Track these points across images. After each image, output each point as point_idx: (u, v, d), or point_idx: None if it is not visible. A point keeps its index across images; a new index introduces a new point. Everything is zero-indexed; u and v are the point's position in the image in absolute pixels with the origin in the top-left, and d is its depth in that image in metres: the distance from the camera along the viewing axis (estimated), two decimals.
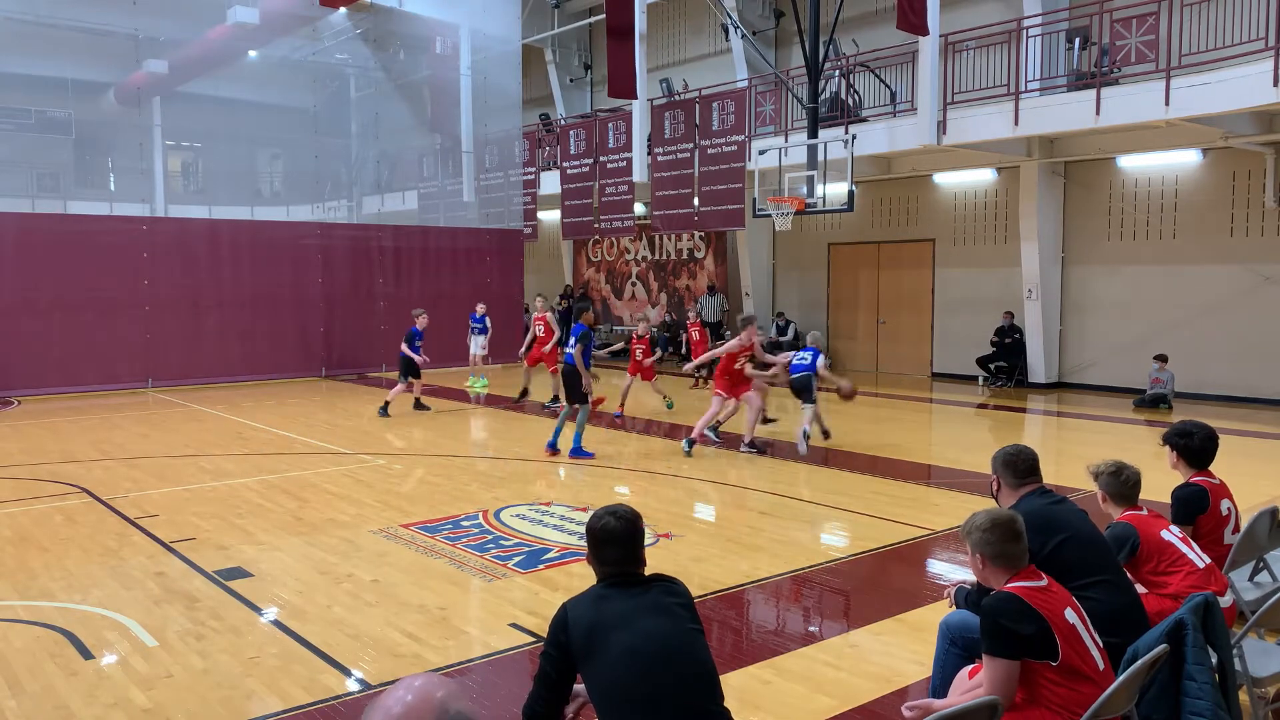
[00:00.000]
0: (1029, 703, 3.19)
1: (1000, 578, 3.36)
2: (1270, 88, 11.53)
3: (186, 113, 20.10)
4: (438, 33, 22.42)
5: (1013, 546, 3.35)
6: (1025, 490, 4.11)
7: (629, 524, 3.24)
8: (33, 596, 6.10)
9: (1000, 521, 3.38)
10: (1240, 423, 12.61)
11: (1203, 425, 4.89)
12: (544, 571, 6.55)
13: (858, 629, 5.55)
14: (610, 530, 3.21)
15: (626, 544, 3.21)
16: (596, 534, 3.24)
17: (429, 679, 1.79)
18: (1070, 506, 4.06)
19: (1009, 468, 4.16)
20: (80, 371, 16.48)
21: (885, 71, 16.99)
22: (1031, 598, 3.20)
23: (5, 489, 9.21)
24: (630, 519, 3.25)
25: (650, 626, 3.02)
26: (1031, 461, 4.17)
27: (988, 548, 3.36)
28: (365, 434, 12.45)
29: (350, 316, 19.47)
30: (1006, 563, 3.35)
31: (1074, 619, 3.23)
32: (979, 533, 3.38)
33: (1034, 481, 4.15)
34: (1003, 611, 3.19)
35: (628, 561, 3.21)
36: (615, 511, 3.27)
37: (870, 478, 9.84)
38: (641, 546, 3.27)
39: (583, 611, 3.08)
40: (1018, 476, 4.14)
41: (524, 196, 22.45)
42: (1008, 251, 17.14)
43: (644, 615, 3.05)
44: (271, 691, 4.66)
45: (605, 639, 3.00)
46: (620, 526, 3.21)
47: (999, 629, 3.17)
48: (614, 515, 3.24)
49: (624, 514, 3.26)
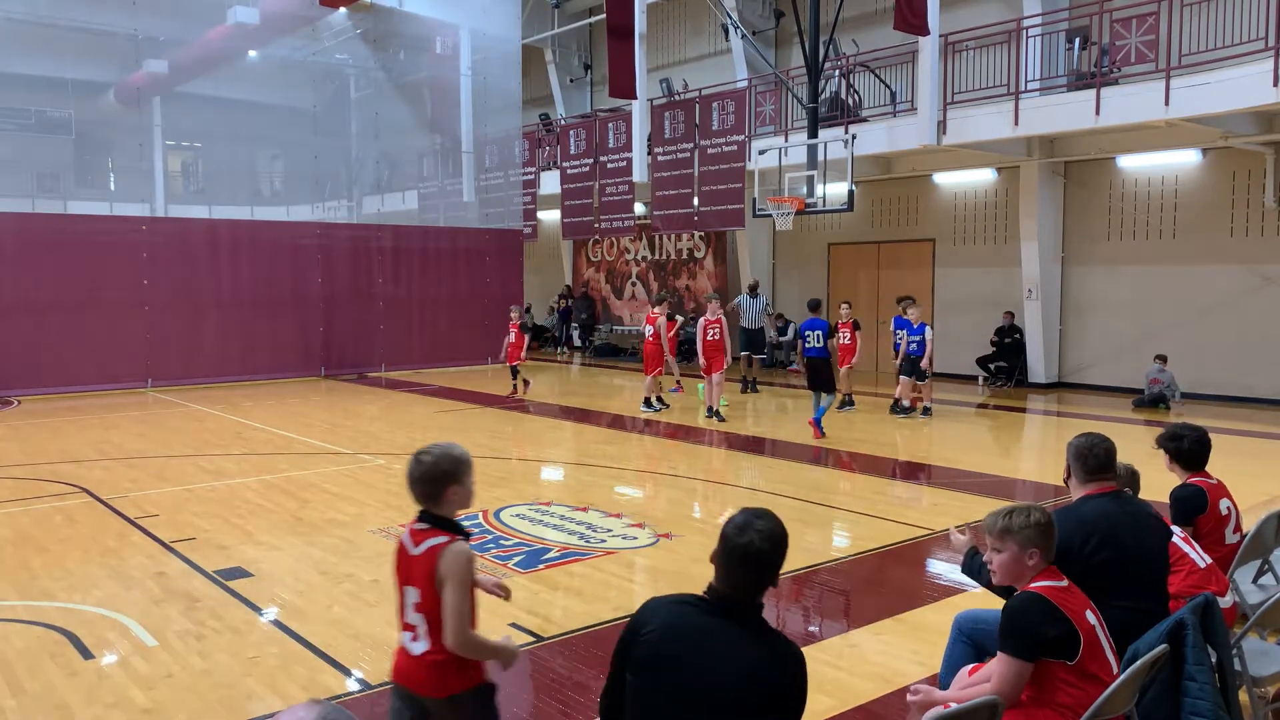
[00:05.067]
0: (1035, 701, 3.17)
1: (1032, 575, 3.27)
2: (1270, 88, 11.53)
3: (186, 113, 20.11)
4: (438, 33, 22.43)
5: (1054, 541, 3.28)
6: (1096, 488, 3.89)
7: (774, 543, 2.63)
8: (33, 596, 6.10)
9: (1047, 513, 3.30)
10: (1240, 423, 12.61)
11: (1194, 428, 4.88)
12: (544, 571, 6.54)
13: (858, 629, 5.55)
14: (755, 551, 2.61)
15: (763, 569, 2.64)
16: (736, 550, 2.64)
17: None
18: (1141, 509, 3.88)
19: (1080, 460, 3.94)
20: (80, 371, 16.47)
21: (885, 71, 16.99)
22: (1057, 598, 3.17)
23: (5, 489, 9.21)
24: (776, 537, 2.64)
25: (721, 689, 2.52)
26: (1105, 456, 3.90)
27: (1042, 540, 3.23)
28: (365, 434, 12.45)
29: (350, 316, 19.47)
30: (1047, 558, 3.27)
31: (1093, 620, 3.20)
32: (1034, 528, 3.23)
33: (1108, 479, 3.91)
34: (1028, 612, 3.14)
35: (750, 590, 2.65)
36: (760, 528, 2.64)
37: (870, 478, 9.84)
38: (776, 576, 2.67)
39: (660, 618, 2.65)
40: (1088, 471, 3.91)
41: (524, 196, 22.46)
42: (1008, 251, 17.14)
43: (722, 663, 2.54)
44: (271, 691, 4.66)
45: (665, 659, 2.58)
46: (765, 547, 2.61)
47: (1020, 630, 3.13)
48: (759, 533, 2.63)
49: (768, 531, 2.64)
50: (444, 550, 3.02)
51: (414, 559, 3.07)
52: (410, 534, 3.12)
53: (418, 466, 3.09)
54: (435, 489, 3.09)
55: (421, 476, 3.09)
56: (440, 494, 3.10)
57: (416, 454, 3.12)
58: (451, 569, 3.01)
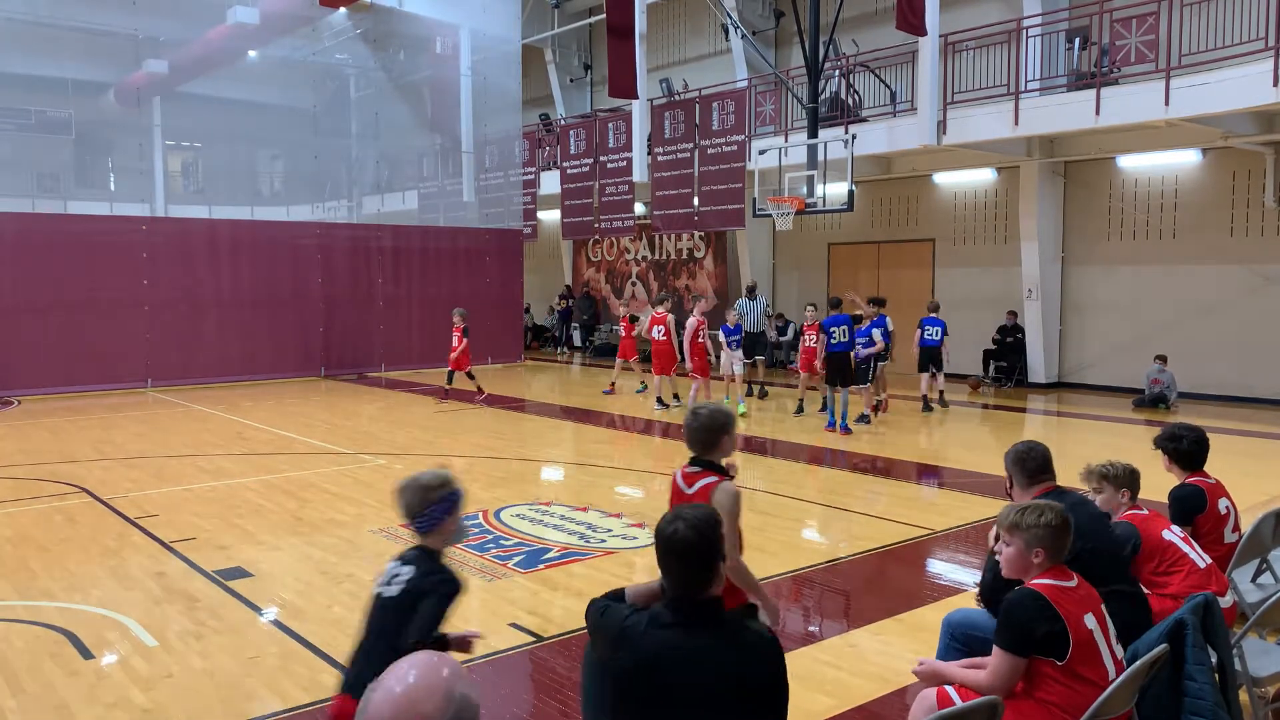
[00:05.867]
0: (1025, 696, 3.19)
1: (1036, 572, 3.27)
2: (1270, 88, 11.53)
3: (186, 113, 20.09)
4: (438, 33, 22.42)
5: (1068, 539, 3.27)
6: (1039, 490, 3.99)
7: (699, 531, 2.64)
8: (33, 596, 6.10)
9: (1061, 512, 3.28)
10: (1240, 423, 12.61)
11: (1192, 428, 4.89)
12: (544, 571, 6.54)
13: (858, 629, 5.55)
14: (674, 537, 2.62)
15: (692, 558, 2.62)
16: (659, 537, 2.66)
17: (432, 657, 1.71)
18: (1089, 509, 3.98)
19: (1019, 465, 4.05)
20: (80, 371, 16.47)
21: (885, 71, 16.99)
22: (1055, 597, 3.16)
23: (5, 489, 9.21)
24: (701, 524, 2.66)
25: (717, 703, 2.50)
26: (1043, 459, 4.04)
27: (1050, 541, 3.23)
28: (365, 434, 12.45)
29: (350, 316, 19.46)
30: (1058, 557, 3.27)
31: (1093, 625, 3.18)
32: (1043, 529, 3.23)
33: (1047, 480, 4.03)
34: (1025, 608, 3.16)
35: (693, 584, 2.63)
36: (687, 516, 2.67)
37: (870, 478, 9.84)
38: (713, 564, 2.65)
39: (636, 651, 2.58)
40: (1029, 475, 4.03)
41: (524, 196, 22.45)
42: (1008, 251, 17.14)
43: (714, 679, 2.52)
44: (271, 691, 4.66)
45: (655, 692, 2.52)
46: (690, 535, 2.62)
47: (1014, 625, 3.16)
48: (684, 520, 2.64)
49: (694, 518, 2.66)
50: (716, 488, 3.66)
51: (689, 496, 3.69)
52: (683, 476, 3.81)
53: (696, 420, 3.78)
54: (713, 437, 3.77)
55: (701, 427, 3.77)
56: (716, 442, 3.78)
57: (693, 410, 3.82)
58: (723, 503, 3.53)
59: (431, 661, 1.69)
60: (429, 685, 1.63)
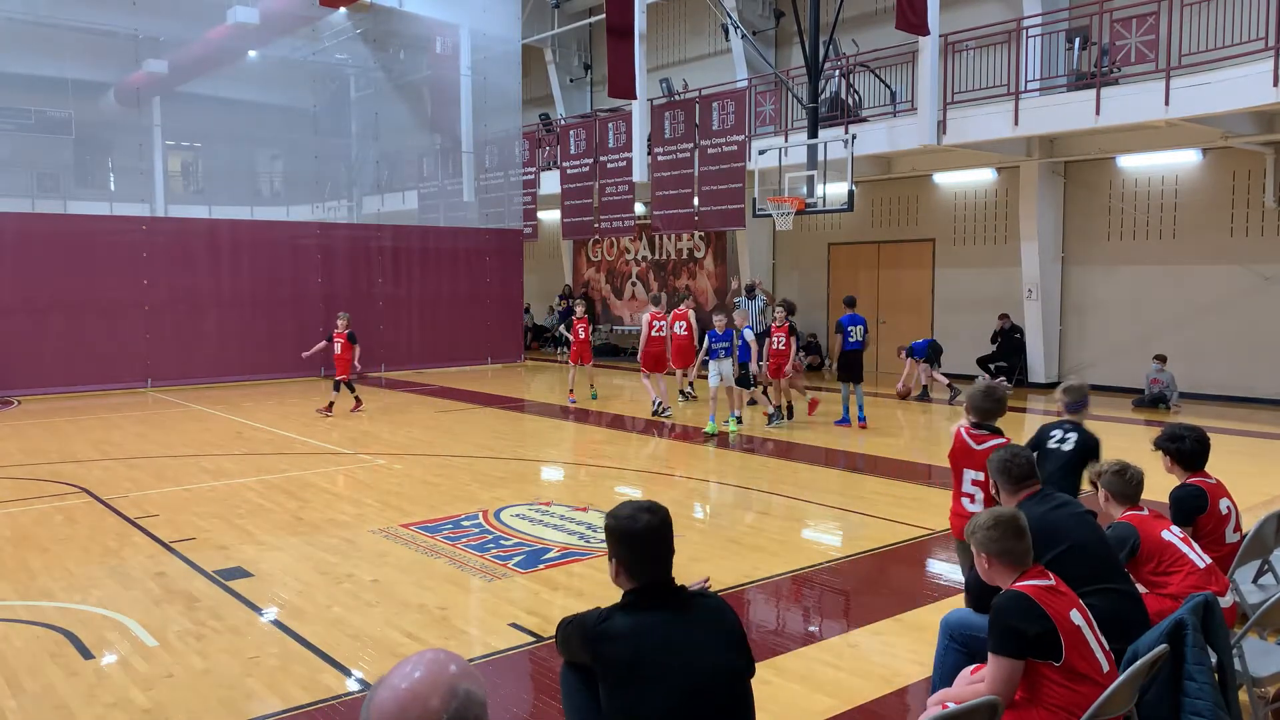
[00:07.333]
0: (1029, 702, 3.19)
1: (1007, 576, 3.35)
2: (1270, 88, 11.53)
3: (186, 113, 20.07)
4: (438, 33, 22.42)
5: (1016, 544, 3.34)
6: (1023, 494, 4.09)
7: (663, 519, 2.85)
8: (33, 596, 6.10)
9: (1003, 519, 3.37)
10: (1240, 423, 12.61)
11: (1193, 428, 4.90)
12: (544, 571, 6.54)
13: (858, 629, 5.55)
14: (648, 528, 2.80)
15: (665, 545, 2.84)
16: (631, 533, 2.81)
17: (439, 654, 1.71)
18: (1073, 509, 4.04)
19: (1004, 473, 4.15)
20: (80, 371, 16.47)
21: (885, 71, 16.99)
22: (1039, 596, 3.20)
23: (5, 489, 9.21)
24: (663, 514, 2.86)
25: (704, 666, 2.71)
26: (1027, 464, 4.15)
27: (992, 545, 3.35)
28: (365, 434, 12.45)
29: (350, 316, 19.42)
30: (1012, 560, 3.34)
31: (1079, 620, 3.22)
32: (982, 531, 3.37)
33: (1031, 485, 4.13)
34: (1011, 610, 3.19)
35: (666, 568, 2.84)
36: (645, 506, 2.86)
37: (870, 478, 9.84)
38: (672, 547, 2.88)
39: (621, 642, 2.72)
40: (1014, 481, 4.13)
41: (524, 196, 22.46)
42: (1008, 251, 17.13)
43: (693, 648, 2.72)
44: (271, 691, 4.66)
45: (649, 672, 2.67)
46: (657, 523, 2.82)
47: (1006, 628, 3.17)
48: (649, 511, 2.84)
49: (656, 508, 2.86)
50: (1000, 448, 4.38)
51: (977, 452, 5.05)
52: (971, 435, 5.15)
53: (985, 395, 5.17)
54: (999, 407, 5.16)
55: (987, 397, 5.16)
56: (1000, 411, 5.15)
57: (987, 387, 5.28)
58: None
59: (438, 658, 1.70)
60: (434, 680, 1.64)
